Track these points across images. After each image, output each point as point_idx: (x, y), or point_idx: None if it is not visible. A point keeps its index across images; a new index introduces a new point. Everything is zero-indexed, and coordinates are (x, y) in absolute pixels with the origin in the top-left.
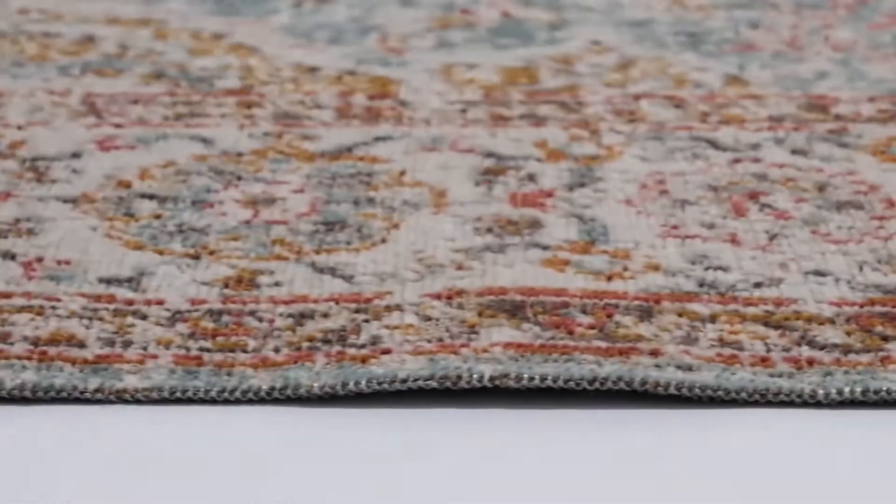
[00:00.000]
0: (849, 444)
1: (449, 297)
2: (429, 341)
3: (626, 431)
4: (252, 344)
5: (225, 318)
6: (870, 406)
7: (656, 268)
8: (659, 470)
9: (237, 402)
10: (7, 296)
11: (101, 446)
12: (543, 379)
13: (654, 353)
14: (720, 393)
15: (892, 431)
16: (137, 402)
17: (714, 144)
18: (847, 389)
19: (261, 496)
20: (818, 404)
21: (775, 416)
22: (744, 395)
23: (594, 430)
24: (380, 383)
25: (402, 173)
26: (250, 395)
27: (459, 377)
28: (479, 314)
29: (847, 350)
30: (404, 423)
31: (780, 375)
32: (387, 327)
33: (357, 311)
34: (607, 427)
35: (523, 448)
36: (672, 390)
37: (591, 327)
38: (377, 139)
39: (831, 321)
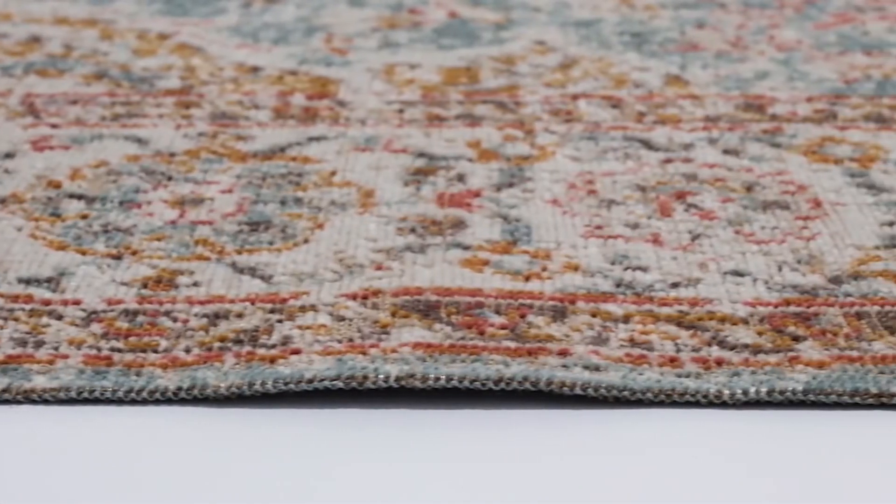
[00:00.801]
0: (754, 444)
1: (364, 298)
2: (339, 341)
3: (530, 431)
4: (164, 344)
5: (140, 318)
6: (778, 406)
7: (576, 268)
8: (561, 469)
9: (144, 402)
10: None
11: (7, 447)
12: (449, 379)
13: (563, 354)
14: (626, 393)
15: (796, 431)
16: (45, 402)
17: (647, 144)
18: (753, 390)
19: (161, 497)
20: (725, 404)
21: (682, 416)
22: (649, 395)
23: (499, 430)
24: (286, 384)
25: (333, 173)
26: (157, 395)
27: (366, 377)
28: (393, 314)
29: (757, 350)
30: (310, 422)
31: (688, 376)
32: (299, 327)
33: (272, 311)
34: (512, 427)
35: (426, 449)
36: (578, 391)
37: (503, 327)
38: (311, 139)
39: (745, 321)
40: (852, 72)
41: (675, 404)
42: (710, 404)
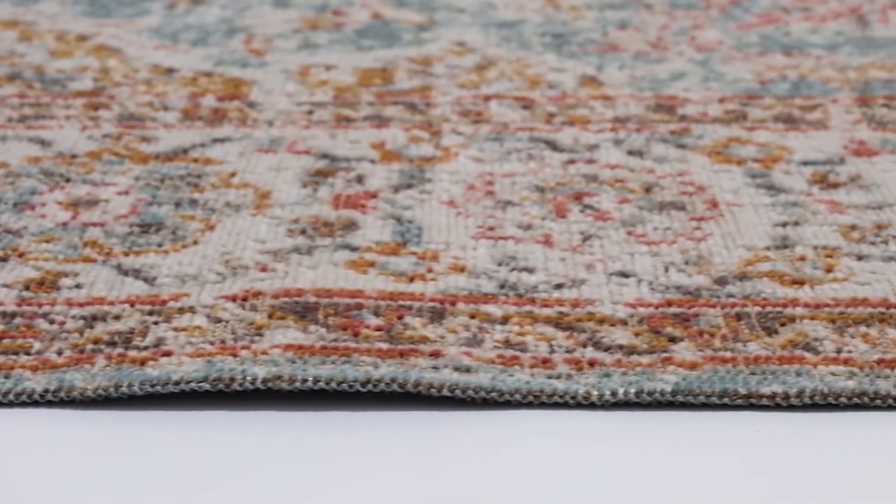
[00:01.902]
0: (622, 444)
1: (244, 299)
2: (212, 343)
3: (397, 433)
4: (37, 346)
5: (17, 320)
6: (651, 407)
7: (462, 269)
8: (425, 471)
9: (12, 404)
10: None
11: None
12: (317, 381)
13: (435, 355)
14: (494, 395)
15: (665, 432)
16: None
17: (553, 145)
18: (621, 391)
19: (26, 498)
20: (595, 405)
21: (554, 417)
22: (517, 396)
23: (366, 432)
24: (153, 385)
25: (233, 175)
26: (24, 397)
27: (233, 379)
28: (270, 316)
29: (631, 351)
30: (176, 424)
31: (559, 377)
32: (174, 329)
33: (150, 313)
34: (378, 429)
35: (290, 450)
36: (446, 392)
37: (379, 329)
38: (216, 141)
39: (624, 323)
40: (769, 72)
41: (547, 405)
42: (579, 405)
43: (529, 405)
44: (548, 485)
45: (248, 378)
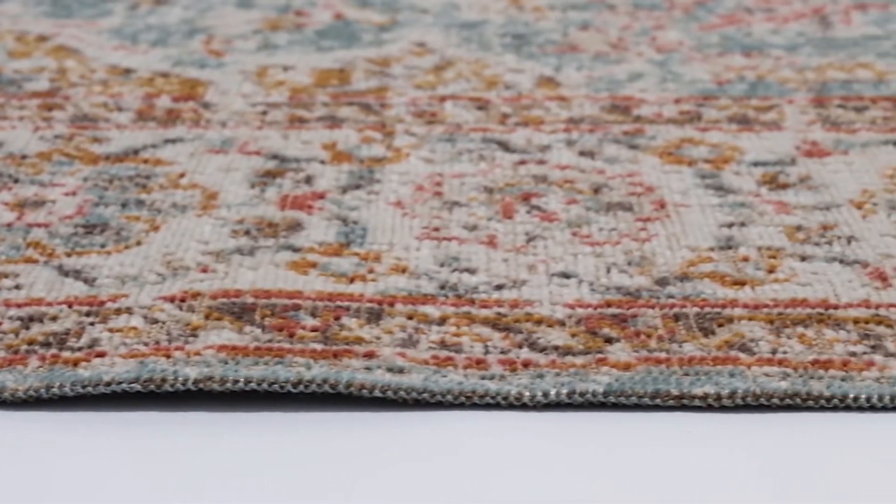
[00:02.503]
0: (554, 446)
1: (182, 300)
2: (146, 344)
3: (329, 433)
4: None
5: None
6: (584, 408)
7: (403, 270)
8: (356, 471)
9: None
10: None
11: None
12: (248, 382)
13: (369, 356)
14: (425, 395)
15: (597, 433)
16: None
17: (505, 146)
18: (553, 392)
19: None
20: (527, 406)
21: (487, 418)
22: (449, 397)
23: (297, 433)
24: (84, 386)
25: (182, 175)
26: None
27: (164, 380)
28: (207, 317)
29: (566, 352)
30: (108, 425)
31: (492, 378)
32: (110, 330)
33: (88, 314)
34: (309, 430)
35: (220, 451)
36: (377, 393)
37: (315, 330)
38: (167, 141)
39: (561, 323)
40: (727, 73)
41: (480, 406)
42: (512, 406)
43: (462, 406)
44: (476, 486)
45: (180, 379)
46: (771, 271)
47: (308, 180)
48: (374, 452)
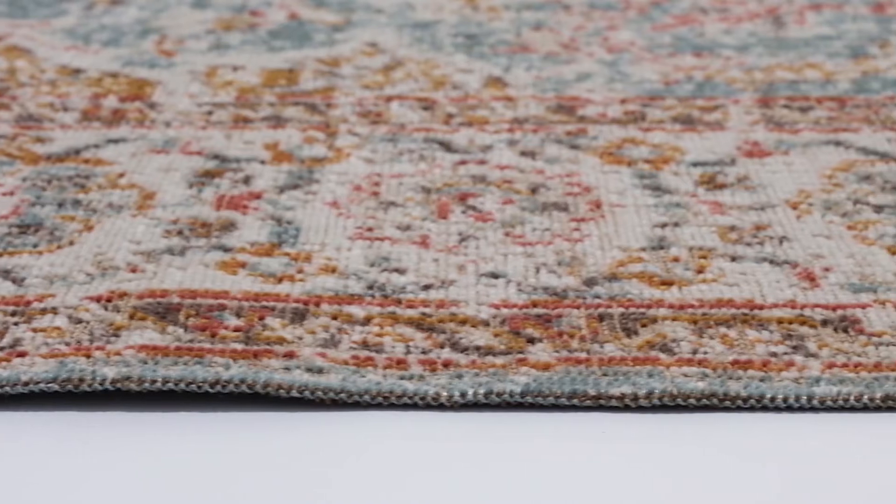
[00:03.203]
0: (471, 445)
1: (108, 300)
2: (67, 344)
3: (246, 433)
4: None
5: None
6: (502, 408)
7: (333, 270)
8: (272, 471)
9: None
10: None
11: None
12: (166, 382)
13: (289, 356)
14: (343, 396)
15: (514, 433)
16: None
17: (447, 146)
18: (471, 392)
19: None
20: (446, 406)
21: (405, 418)
22: (367, 397)
23: (215, 433)
24: (2, 386)
25: (121, 175)
26: None
27: (82, 380)
28: (131, 317)
29: (487, 352)
30: (27, 425)
31: (411, 378)
32: (33, 330)
33: (13, 313)
34: (229, 429)
35: (137, 451)
36: (295, 393)
37: (237, 330)
38: (110, 141)
39: (486, 323)
40: (676, 73)
41: (399, 407)
42: (429, 406)
43: (380, 407)
44: (388, 486)
45: (98, 379)
46: (700, 272)
47: (246, 180)
48: (291, 453)
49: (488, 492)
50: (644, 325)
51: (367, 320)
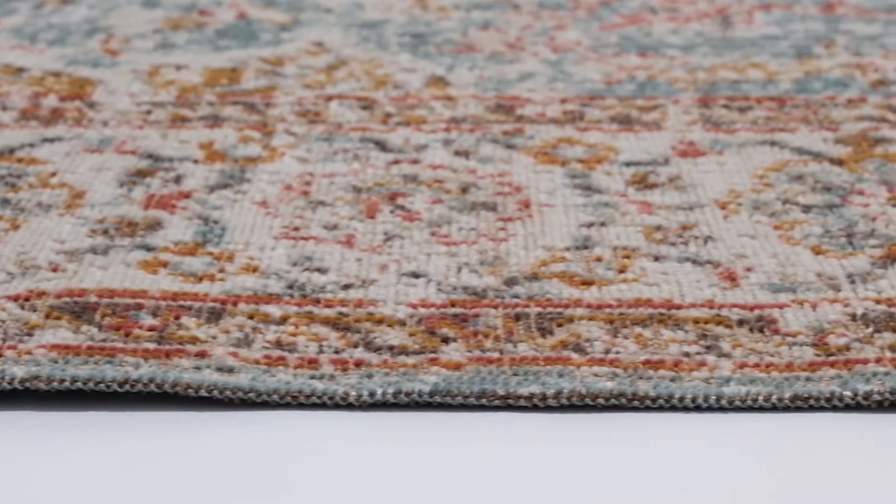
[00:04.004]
0: (379, 445)
1: (26, 299)
2: None
3: (153, 433)
4: None
5: None
6: (413, 408)
7: (255, 269)
8: (178, 470)
9: None
10: None
11: None
12: (75, 381)
13: (201, 356)
14: (252, 395)
15: (423, 433)
16: None
17: (382, 146)
18: (380, 392)
19: None
20: (355, 406)
21: (315, 418)
22: (276, 397)
23: (125, 433)
24: None
25: (53, 175)
26: None
27: None
28: (47, 316)
29: (400, 352)
30: None
31: (322, 377)
32: None
33: None
34: (138, 429)
35: (46, 451)
36: (203, 392)
37: (152, 329)
38: (45, 140)
39: (402, 323)
40: (619, 73)
41: (308, 406)
42: (339, 406)
43: (291, 406)
44: (294, 486)
45: (6, 378)
46: (622, 271)
47: (177, 180)
48: (199, 452)
49: (390, 491)
50: (560, 325)
51: (283, 320)
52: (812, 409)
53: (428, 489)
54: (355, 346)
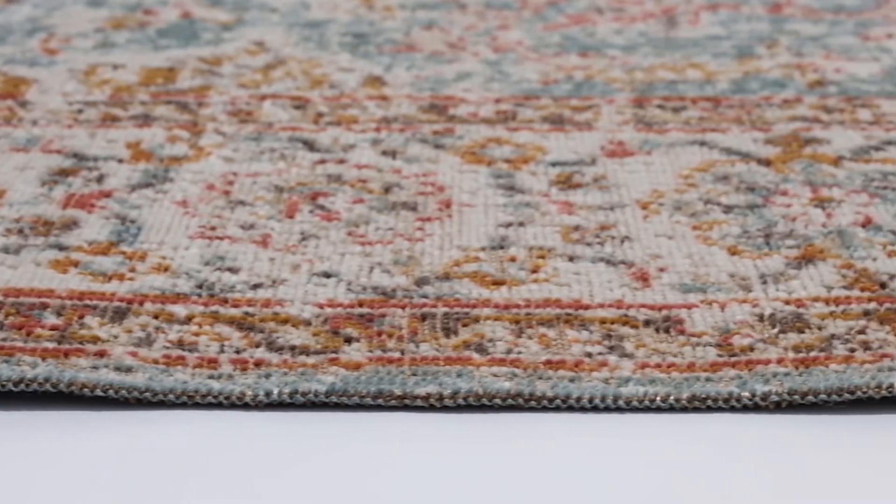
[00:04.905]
0: (276, 445)
1: None
2: None
3: (52, 433)
4: None
5: None
6: (311, 408)
7: (166, 269)
8: (71, 470)
9: None
10: None
11: None
12: None
13: (100, 355)
14: (147, 395)
15: (320, 433)
16: None
17: (310, 146)
18: (276, 391)
19: None
20: (253, 405)
21: (214, 418)
22: (172, 396)
23: (20, 431)
24: None
25: None
26: None
27: None
28: None
29: (302, 352)
30: None
31: (220, 377)
32: None
33: None
34: (32, 427)
35: None
36: (99, 392)
37: (54, 329)
38: None
39: (308, 323)
40: (557, 73)
41: (204, 406)
42: (235, 406)
43: (189, 406)
44: (187, 487)
45: None
46: (534, 271)
47: (99, 179)
48: (93, 452)
49: (278, 492)
50: (465, 325)
51: (187, 319)
52: (710, 409)
53: (317, 490)
54: (257, 345)
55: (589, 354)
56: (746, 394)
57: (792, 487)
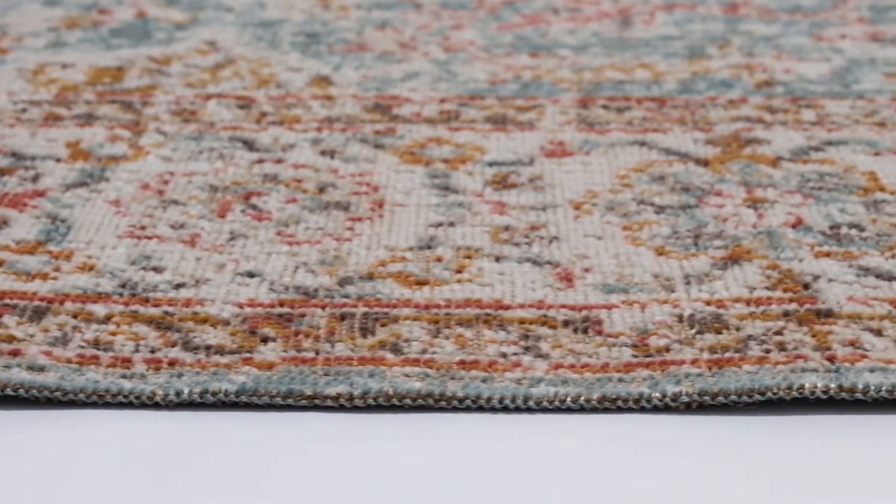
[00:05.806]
0: (183, 445)
1: None
2: None
3: None
4: None
5: None
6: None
7: (91, 268)
8: None
9: None
10: None
11: None
12: None
13: (15, 354)
14: (58, 394)
15: (230, 432)
16: None
17: (250, 145)
18: (186, 391)
19: None
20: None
21: (123, 417)
22: (82, 396)
23: None
24: None
25: None
26: None
27: None
28: None
29: (217, 351)
30: None
31: (132, 377)
32: None
33: None
34: None
35: None
36: (10, 391)
37: None
38: None
39: (226, 323)
40: (505, 73)
41: (114, 405)
42: (146, 405)
43: (101, 405)
44: (95, 487)
45: None
46: (459, 271)
47: (35, 178)
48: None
49: (189, 490)
50: (384, 325)
51: (106, 319)
52: (621, 410)
53: (224, 488)
54: (173, 345)
55: (504, 355)
56: (657, 394)
57: (697, 488)
